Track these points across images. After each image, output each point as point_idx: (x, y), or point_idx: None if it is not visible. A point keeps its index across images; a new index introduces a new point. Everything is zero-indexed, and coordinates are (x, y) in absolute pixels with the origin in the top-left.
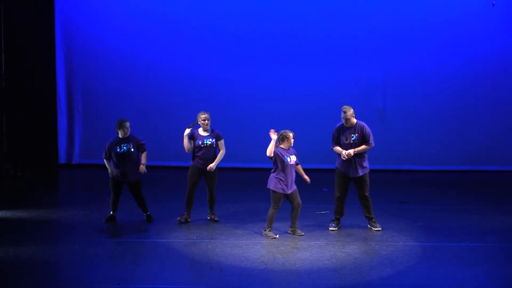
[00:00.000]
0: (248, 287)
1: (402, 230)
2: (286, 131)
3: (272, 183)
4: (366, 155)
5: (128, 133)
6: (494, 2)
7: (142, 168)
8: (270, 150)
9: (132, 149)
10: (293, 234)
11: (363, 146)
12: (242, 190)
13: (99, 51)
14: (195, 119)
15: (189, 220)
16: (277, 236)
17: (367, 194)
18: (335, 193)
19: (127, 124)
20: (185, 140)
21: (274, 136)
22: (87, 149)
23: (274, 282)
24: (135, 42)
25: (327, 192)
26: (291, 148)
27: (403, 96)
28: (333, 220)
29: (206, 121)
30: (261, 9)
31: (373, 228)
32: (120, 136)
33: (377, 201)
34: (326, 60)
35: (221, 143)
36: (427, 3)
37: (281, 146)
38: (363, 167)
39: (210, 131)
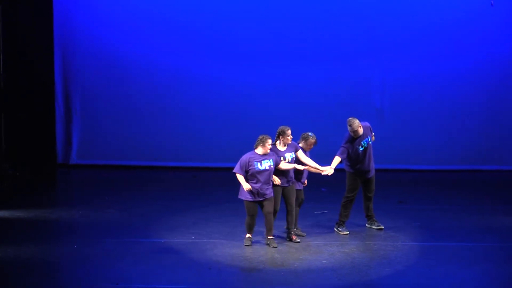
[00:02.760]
0: (247, 287)
1: (401, 229)
2: (265, 136)
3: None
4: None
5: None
6: (492, 1)
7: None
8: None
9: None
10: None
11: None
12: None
13: (97, 52)
14: (193, 119)
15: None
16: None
17: (373, 194)
18: (350, 194)
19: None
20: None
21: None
22: (84, 149)
23: (273, 282)
24: (133, 42)
25: (326, 192)
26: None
27: (402, 95)
28: (343, 224)
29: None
30: (259, 8)
31: (374, 227)
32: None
33: (376, 201)
34: (324, 59)
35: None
36: (426, 3)
37: (257, 151)
38: (373, 168)
39: (287, 146)
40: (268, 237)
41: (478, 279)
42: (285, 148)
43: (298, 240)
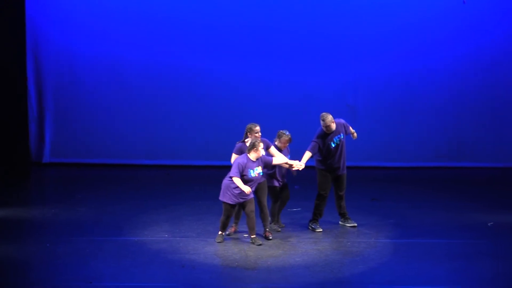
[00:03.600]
0: (221, 285)
1: (374, 227)
2: (258, 140)
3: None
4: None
5: None
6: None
7: None
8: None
9: None
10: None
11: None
12: (215, 188)
13: (70, 50)
14: (167, 117)
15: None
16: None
17: (344, 192)
18: (322, 191)
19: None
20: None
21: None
22: (58, 147)
23: (246, 280)
24: (105, 39)
25: (299, 190)
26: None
27: (375, 93)
28: (316, 222)
29: (259, 133)
30: (238, 5)
31: (347, 225)
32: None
33: (349, 198)
34: (298, 57)
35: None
36: (399, 2)
37: (250, 156)
38: (344, 166)
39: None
40: (252, 236)
41: (451, 275)
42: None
43: (271, 238)
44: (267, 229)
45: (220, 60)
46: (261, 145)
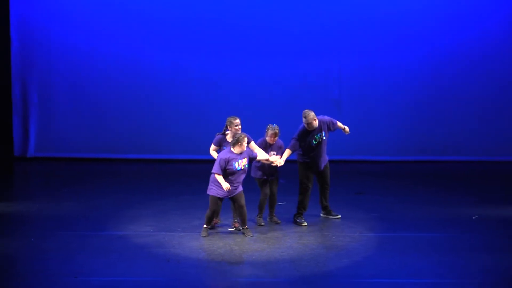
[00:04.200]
0: (206, 279)
1: (359, 221)
2: (242, 135)
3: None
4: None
5: None
6: None
7: None
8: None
9: None
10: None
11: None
12: (200, 182)
13: (55, 43)
14: (152, 111)
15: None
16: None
17: (329, 186)
18: (304, 185)
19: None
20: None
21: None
22: (42, 142)
23: (231, 274)
24: (91, 34)
25: (284, 184)
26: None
27: (359, 86)
28: (301, 216)
29: (239, 126)
30: (219, 1)
31: (331, 217)
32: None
33: (333, 192)
34: (281, 51)
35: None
36: None
37: (234, 151)
38: (326, 158)
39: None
40: (244, 227)
41: (435, 268)
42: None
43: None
44: (274, 215)
45: (202, 55)
46: (246, 139)
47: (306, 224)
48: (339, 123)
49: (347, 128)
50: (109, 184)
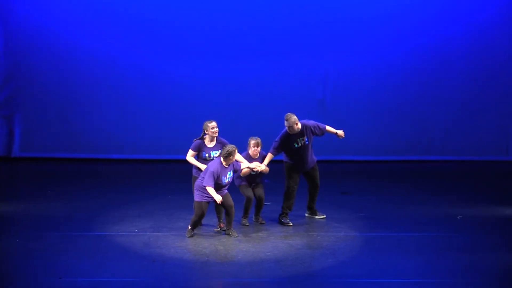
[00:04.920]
0: (191, 279)
1: (344, 220)
2: (233, 147)
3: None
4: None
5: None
6: None
7: None
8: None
9: None
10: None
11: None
12: (184, 182)
13: (41, 42)
14: (137, 111)
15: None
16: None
17: (318, 186)
18: (290, 186)
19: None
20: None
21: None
22: (27, 142)
23: (217, 274)
24: (75, 34)
25: (269, 184)
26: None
27: (344, 86)
28: (286, 216)
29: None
30: (198, 2)
31: (316, 217)
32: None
33: (319, 192)
34: (266, 51)
35: None
36: None
37: (223, 163)
38: (313, 159)
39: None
40: (229, 229)
41: (421, 268)
42: (213, 144)
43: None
44: (259, 216)
45: (186, 58)
46: (236, 152)
47: (291, 224)
48: (329, 128)
49: (340, 132)
50: (95, 184)
